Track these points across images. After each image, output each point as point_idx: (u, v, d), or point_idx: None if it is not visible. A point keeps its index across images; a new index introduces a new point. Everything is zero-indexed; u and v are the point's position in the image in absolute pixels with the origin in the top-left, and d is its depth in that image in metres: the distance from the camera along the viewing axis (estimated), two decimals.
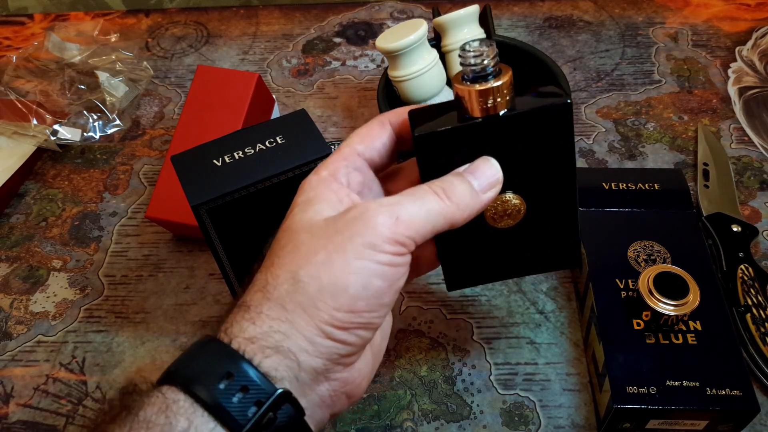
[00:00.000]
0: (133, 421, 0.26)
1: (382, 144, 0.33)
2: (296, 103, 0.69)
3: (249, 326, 0.28)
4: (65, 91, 0.68)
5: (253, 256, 0.43)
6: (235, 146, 0.40)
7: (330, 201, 0.30)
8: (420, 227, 0.29)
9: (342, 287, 0.27)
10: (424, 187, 0.30)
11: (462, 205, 0.30)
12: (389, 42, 0.52)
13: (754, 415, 0.39)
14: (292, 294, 0.28)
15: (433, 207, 0.29)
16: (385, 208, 0.29)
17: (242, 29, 0.79)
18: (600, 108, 0.66)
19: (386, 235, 0.28)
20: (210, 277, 0.55)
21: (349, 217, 0.29)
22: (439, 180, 0.31)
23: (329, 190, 0.31)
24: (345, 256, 0.28)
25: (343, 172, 0.32)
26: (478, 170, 0.31)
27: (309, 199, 0.31)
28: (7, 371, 0.50)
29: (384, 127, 0.33)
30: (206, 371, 0.27)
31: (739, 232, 0.51)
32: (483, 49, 0.30)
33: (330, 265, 0.28)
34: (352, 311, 0.28)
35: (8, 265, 0.57)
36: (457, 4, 0.74)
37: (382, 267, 0.28)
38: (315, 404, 0.29)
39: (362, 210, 0.29)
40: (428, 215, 0.29)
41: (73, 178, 0.64)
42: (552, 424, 0.44)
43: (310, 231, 0.29)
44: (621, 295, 0.45)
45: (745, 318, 0.46)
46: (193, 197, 0.38)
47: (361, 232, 0.28)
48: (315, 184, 0.31)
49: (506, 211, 0.34)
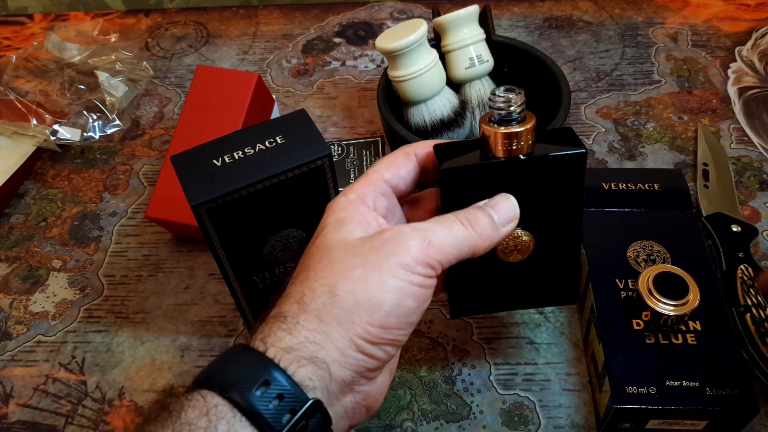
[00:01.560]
0: (175, 422, 0.27)
1: (407, 173, 0.35)
2: (296, 103, 0.69)
3: (285, 336, 0.29)
4: (65, 91, 0.68)
5: (253, 256, 0.43)
6: (234, 146, 0.40)
7: (360, 222, 0.32)
8: (448, 252, 0.31)
9: (377, 303, 0.29)
10: (450, 216, 0.32)
11: (484, 236, 0.32)
12: (389, 42, 0.52)
13: (753, 415, 0.39)
14: (328, 307, 0.29)
15: (460, 235, 0.31)
16: (418, 232, 0.30)
17: (242, 29, 0.79)
18: (600, 108, 0.66)
19: (419, 257, 0.30)
20: (210, 277, 0.55)
21: (385, 237, 0.30)
22: (464, 211, 0.33)
23: (358, 212, 0.32)
24: (381, 274, 0.29)
25: (370, 197, 0.34)
26: (499, 205, 0.33)
27: (339, 219, 0.32)
28: (6, 371, 0.50)
29: (409, 157, 0.35)
30: (244, 378, 0.28)
31: (738, 232, 0.51)
32: (511, 96, 0.32)
33: (366, 282, 0.29)
34: (383, 327, 0.29)
35: (8, 265, 0.57)
36: (457, 4, 0.74)
37: (414, 287, 0.30)
38: (339, 415, 0.30)
39: (397, 232, 0.30)
40: (455, 242, 0.31)
41: (72, 178, 0.64)
42: (552, 424, 0.44)
43: (345, 249, 0.30)
44: (621, 295, 0.45)
45: (744, 318, 0.46)
46: (193, 197, 0.38)
47: (397, 253, 0.30)
48: (344, 206, 0.33)
49: (516, 246, 0.36)
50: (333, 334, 0.29)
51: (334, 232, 0.32)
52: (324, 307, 0.29)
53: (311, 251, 0.32)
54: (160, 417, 0.27)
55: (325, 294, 0.29)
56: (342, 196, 0.34)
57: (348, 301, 0.29)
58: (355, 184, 0.34)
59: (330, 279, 0.30)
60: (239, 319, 0.52)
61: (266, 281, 0.45)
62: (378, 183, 0.34)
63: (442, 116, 0.55)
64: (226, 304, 0.53)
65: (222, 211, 0.39)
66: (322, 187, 0.42)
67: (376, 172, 0.35)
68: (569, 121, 0.64)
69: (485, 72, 0.58)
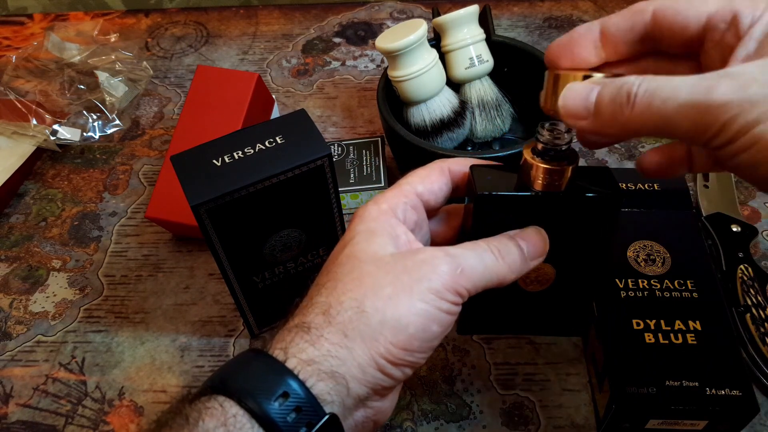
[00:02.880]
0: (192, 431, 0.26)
1: (440, 188, 0.35)
2: (296, 103, 0.69)
3: (308, 347, 0.28)
4: (65, 91, 0.68)
5: (253, 256, 0.43)
6: (234, 146, 0.40)
7: (390, 235, 0.32)
8: (477, 281, 0.30)
9: (404, 325, 0.29)
10: (482, 244, 0.32)
11: (512, 268, 0.32)
12: (389, 42, 0.52)
13: (753, 415, 0.39)
14: (355, 322, 0.29)
15: (490, 265, 0.31)
16: (451, 258, 0.30)
17: (242, 29, 0.79)
18: None
19: (449, 283, 0.29)
20: (209, 277, 0.54)
21: (418, 259, 0.30)
22: (495, 240, 0.32)
23: (389, 224, 0.32)
24: (411, 296, 0.29)
25: (401, 209, 0.33)
26: (530, 239, 0.33)
27: (370, 229, 0.32)
28: (6, 371, 0.50)
29: (444, 173, 0.35)
30: (262, 388, 0.27)
31: (738, 232, 0.51)
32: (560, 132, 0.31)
33: (395, 302, 0.29)
34: (406, 349, 0.29)
35: (8, 265, 0.57)
36: (457, 4, 0.74)
37: (440, 313, 0.29)
38: (349, 428, 0.30)
39: (430, 255, 0.30)
40: (485, 271, 0.31)
41: (72, 178, 0.64)
42: (552, 424, 0.44)
43: (376, 264, 0.30)
44: (621, 295, 0.45)
45: (744, 318, 0.46)
46: (193, 197, 0.38)
47: (429, 277, 0.29)
48: (375, 215, 0.32)
49: (538, 277, 0.36)
50: (356, 351, 0.28)
51: (366, 243, 0.31)
52: (350, 322, 0.29)
53: (340, 260, 0.31)
54: (176, 423, 0.27)
55: (352, 309, 0.29)
56: (373, 204, 0.33)
57: (375, 319, 0.29)
58: (387, 193, 0.34)
59: (359, 293, 0.29)
60: (239, 319, 0.52)
61: (266, 281, 0.45)
62: (410, 195, 0.34)
63: (441, 116, 0.55)
64: (225, 304, 0.53)
65: (222, 211, 0.39)
66: (322, 187, 0.42)
67: (409, 183, 0.34)
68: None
69: (485, 72, 0.58)
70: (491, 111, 0.58)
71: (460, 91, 0.58)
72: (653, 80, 0.26)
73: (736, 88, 0.24)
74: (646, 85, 0.26)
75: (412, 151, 0.53)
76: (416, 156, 0.54)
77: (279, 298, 0.48)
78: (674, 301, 0.44)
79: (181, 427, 0.27)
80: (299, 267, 0.46)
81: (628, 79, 0.27)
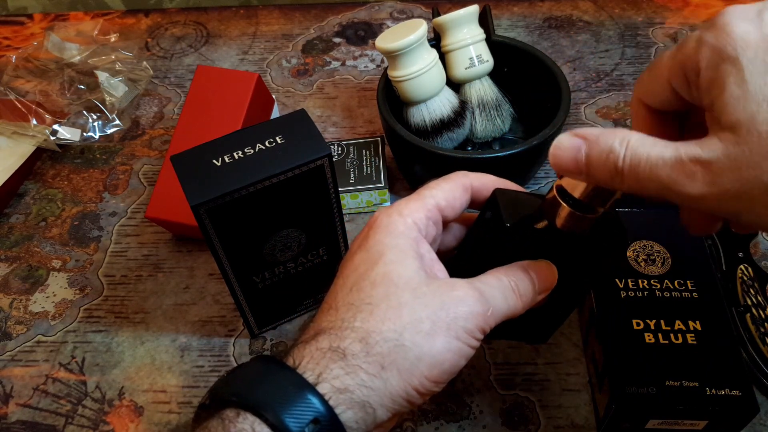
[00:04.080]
0: None
1: (460, 205, 0.35)
2: (296, 103, 0.69)
3: (342, 375, 0.29)
4: (65, 91, 0.68)
5: (253, 256, 0.43)
6: (234, 146, 0.40)
7: (418, 254, 0.32)
8: (499, 318, 0.32)
9: (439, 361, 0.29)
10: (505, 281, 0.32)
11: (525, 303, 0.33)
12: (389, 42, 0.52)
13: (753, 415, 0.39)
14: (393, 355, 0.29)
15: (511, 304, 0.32)
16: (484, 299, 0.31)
17: (242, 29, 0.79)
18: (600, 108, 0.66)
19: (480, 324, 0.31)
20: (209, 277, 0.54)
21: (455, 297, 0.30)
22: (513, 274, 0.33)
23: (416, 242, 0.32)
24: (448, 334, 0.30)
25: (424, 224, 0.33)
26: (543, 274, 0.34)
27: (400, 247, 0.32)
28: (6, 371, 0.50)
29: (467, 191, 0.35)
30: (293, 410, 0.28)
31: None
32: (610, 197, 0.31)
33: (434, 338, 0.29)
34: (436, 382, 0.30)
35: (8, 265, 0.56)
36: (457, 4, 0.74)
37: (469, 350, 0.31)
38: None
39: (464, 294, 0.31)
40: (507, 311, 0.32)
41: (72, 178, 0.64)
42: (551, 424, 0.44)
43: (414, 293, 0.30)
44: (621, 295, 0.45)
45: (744, 318, 0.46)
46: (193, 197, 0.38)
47: (465, 317, 0.30)
48: (402, 230, 0.32)
49: None
50: (391, 382, 0.29)
51: (399, 264, 0.31)
52: (389, 354, 0.29)
53: (373, 278, 0.31)
54: None
55: (392, 341, 0.29)
56: (398, 216, 0.33)
57: (413, 353, 0.29)
58: (411, 204, 0.33)
59: (398, 325, 0.29)
60: (239, 319, 0.52)
61: (266, 281, 0.45)
62: (433, 210, 0.34)
63: (441, 116, 0.55)
64: (225, 304, 0.53)
65: (222, 211, 0.39)
66: (322, 187, 0.42)
67: (432, 197, 0.34)
68: (569, 122, 0.64)
69: (485, 72, 0.58)
70: (491, 111, 0.58)
71: (460, 91, 0.58)
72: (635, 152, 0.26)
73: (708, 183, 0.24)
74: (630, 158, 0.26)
75: (412, 151, 0.53)
76: (416, 156, 0.54)
77: (279, 298, 0.48)
78: (674, 301, 0.44)
79: None
80: (299, 267, 0.46)
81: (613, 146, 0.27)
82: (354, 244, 0.34)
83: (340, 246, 0.47)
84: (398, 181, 0.61)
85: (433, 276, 0.32)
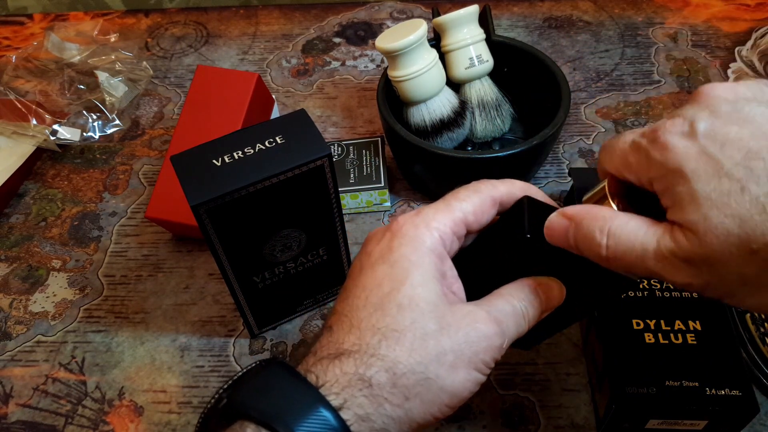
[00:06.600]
0: None
1: (487, 220, 0.34)
2: (296, 103, 0.69)
3: (366, 404, 0.29)
4: (65, 91, 0.68)
5: (253, 256, 0.43)
6: (234, 146, 0.40)
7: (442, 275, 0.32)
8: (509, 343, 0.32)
9: (459, 392, 0.30)
10: (519, 311, 0.32)
11: (530, 323, 0.33)
12: (389, 42, 0.52)
13: (753, 415, 0.39)
14: (418, 388, 0.30)
15: (520, 330, 0.33)
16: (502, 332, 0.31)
17: (242, 29, 0.79)
18: (600, 108, 0.66)
19: (496, 356, 0.31)
20: (209, 277, 0.54)
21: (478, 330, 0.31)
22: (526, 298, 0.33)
23: (440, 259, 0.32)
24: (469, 366, 0.30)
25: (450, 239, 0.33)
26: (551, 295, 0.34)
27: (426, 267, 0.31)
28: (6, 371, 0.50)
29: (495, 206, 0.34)
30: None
31: None
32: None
33: (456, 371, 0.30)
34: (452, 408, 0.31)
35: (8, 265, 0.57)
36: (457, 4, 0.74)
37: (484, 378, 0.31)
38: None
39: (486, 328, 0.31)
40: (516, 336, 0.33)
41: (72, 178, 0.64)
42: (551, 424, 0.44)
43: (440, 323, 0.30)
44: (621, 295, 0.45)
45: (744, 318, 0.46)
46: (193, 197, 0.38)
47: (485, 351, 0.31)
48: (429, 244, 0.32)
49: None
50: (413, 411, 0.30)
51: (425, 288, 0.31)
52: (414, 387, 0.29)
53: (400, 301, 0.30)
54: None
55: (418, 374, 0.29)
56: (425, 228, 0.32)
57: (437, 385, 0.30)
58: (439, 217, 0.33)
59: (424, 358, 0.30)
60: (239, 319, 0.52)
61: (266, 281, 0.45)
62: (460, 225, 0.33)
63: (441, 116, 0.55)
64: (225, 304, 0.53)
65: (222, 211, 0.39)
66: (322, 187, 0.42)
67: (461, 210, 0.33)
68: (569, 121, 0.64)
69: (485, 72, 0.58)
70: (491, 111, 0.58)
71: (460, 91, 0.58)
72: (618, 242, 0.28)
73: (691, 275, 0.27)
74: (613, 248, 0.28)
75: (412, 151, 0.53)
76: (416, 156, 0.54)
77: (279, 298, 0.48)
78: (674, 301, 0.44)
79: None
80: (299, 267, 0.46)
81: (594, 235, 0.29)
82: (373, 247, 0.33)
83: (340, 246, 0.47)
84: (398, 181, 0.61)
85: (453, 298, 0.32)
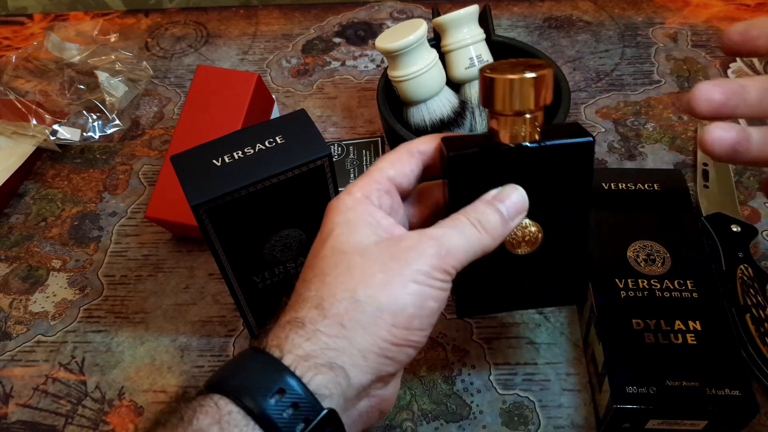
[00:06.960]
0: (187, 428, 0.26)
1: (411, 170, 0.35)
2: (296, 103, 0.69)
3: (303, 343, 0.29)
4: (65, 91, 0.68)
5: (253, 256, 0.43)
6: (234, 146, 0.40)
7: (370, 224, 0.32)
8: (462, 258, 0.31)
9: (401, 306, 0.29)
10: (462, 218, 0.32)
11: (494, 235, 0.32)
12: (389, 42, 0.52)
13: (753, 415, 0.39)
14: (351, 312, 0.29)
15: (473, 240, 0.32)
16: (435, 241, 0.31)
17: (242, 29, 0.79)
18: (599, 108, 0.66)
19: (438, 265, 0.30)
20: (209, 277, 0.55)
21: (404, 246, 0.30)
22: (473, 210, 0.32)
23: (366, 212, 0.32)
24: (403, 279, 0.29)
25: (375, 195, 0.33)
26: (508, 198, 0.33)
27: (349, 220, 0.32)
28: (6, 371, 0.50)
29: (413, 155, 0.35)
30: (258, 385, 0.27)
31: (738, 232, 0.51)
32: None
33: (389, 287, 0.29)
34: (407, 329, 0.29)
35: (7, 265, 0.57)
36: (457, 4, 0.74)
37: (434, 290, 0.30)
38: (353, 419, 0.31)
39: (415, 241, 0.31)
40: (469, 246, 0.31)
41: (72, 178, 0.64)
42: (552, 424, 0.44)
43: (363, 254, 0.30)
44: (621, 295, 0.45)
45: (744, 318, 0.46)
46: (193, 197, 0.38)
47: (417, 261, 0.30)
48: (351, 205, 0.33)
49: (525, 237, 0.36)
50: (356, 339, 0.29)
51: (348, 235, 0.31)
52: (346, 313, 0.29)
53: (324, 253, 0.31)
54: (170, 422, 0.27)
55: (346, 299, 0.29)
56: (347, 195, 0.33)
57: (371, 306, 0.29)
58: (359, 182, 0.34)
59: (350, 284, 0.29)
60: (239, 319, 0.52)
61: (266, 281, 0.45)
62: (382, 181, 0.34)
63: (441, 116, 0.55)
64: (225, 304, 0.53)
65: (222, 211, 0.39)
66: (322, 187, 0.42)
67: (379, 170, 0.34)
68: (569, 121, 0.64)
69: None
70: None
71: (460, 91, 0.58)
72: None
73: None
74: None
75: None
76: None
77: (279, 298, 0.48)
78: (674, 301, 0.44)
79: (175, 426, 0.27)
80: (299, 267, 0.46)
81: None
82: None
83: None
84: None
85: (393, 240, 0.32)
